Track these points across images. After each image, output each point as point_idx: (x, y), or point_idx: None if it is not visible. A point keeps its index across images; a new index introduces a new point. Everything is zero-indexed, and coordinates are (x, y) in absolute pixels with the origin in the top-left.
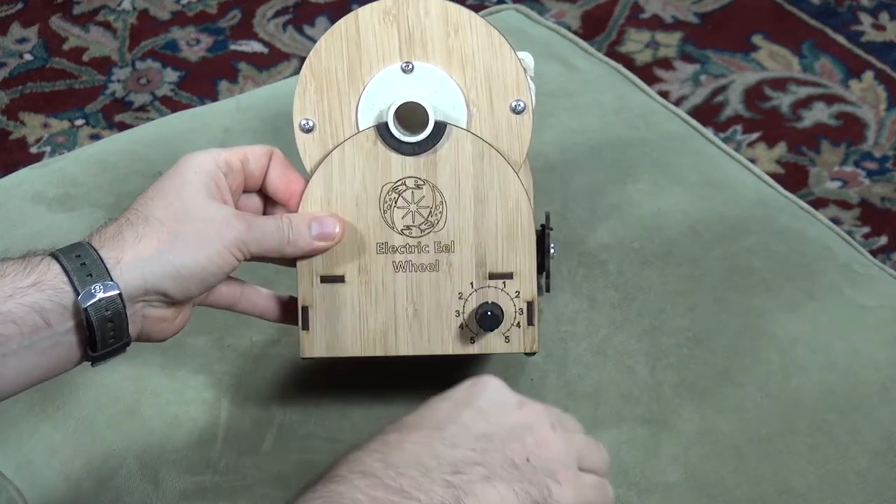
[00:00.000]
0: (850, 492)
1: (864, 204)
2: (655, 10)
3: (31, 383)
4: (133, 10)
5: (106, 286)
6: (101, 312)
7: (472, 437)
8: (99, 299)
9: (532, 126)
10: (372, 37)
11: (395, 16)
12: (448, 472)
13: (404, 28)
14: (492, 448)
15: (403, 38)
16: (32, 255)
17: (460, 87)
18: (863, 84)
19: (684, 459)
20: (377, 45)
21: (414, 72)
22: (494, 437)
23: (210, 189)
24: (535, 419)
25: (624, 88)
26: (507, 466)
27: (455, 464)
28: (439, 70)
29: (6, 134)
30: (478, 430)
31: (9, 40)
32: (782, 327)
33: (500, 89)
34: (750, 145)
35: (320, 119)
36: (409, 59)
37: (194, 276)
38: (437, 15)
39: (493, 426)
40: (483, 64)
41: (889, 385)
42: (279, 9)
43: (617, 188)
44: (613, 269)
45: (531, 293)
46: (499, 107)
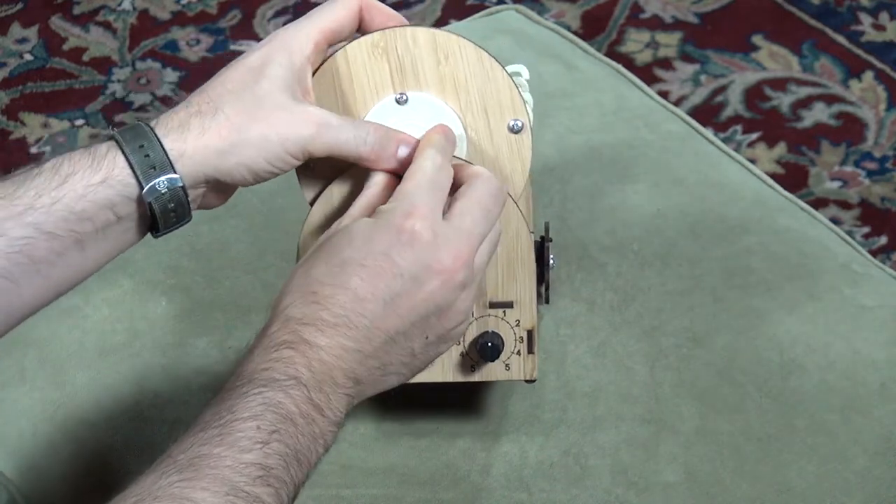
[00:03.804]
0: (850, 492)
1: (864, 204)
2: (655, 10)
3: (107, 261)
4: (133, 10)
5: (170, 180)
6: (165, 204)
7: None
8: (163, 192)
9: (532, 143)
10: (363, 71)
11: (383, 48)
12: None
13: (394, 60)
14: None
15: (395, 70)
16: (99, 145)
17: (456, 114)
18: (863, 84)
19: (683, 459)
20: (369, 79)
21: (408, 102)
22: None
23: (289, 86)
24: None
25: (624, 88)
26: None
27: None
28: (433, 98)
29: (6, 134)
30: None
31: (9, 40)
32: (782, 327)
33: (496, 111)
34: (750, 145)
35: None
36: (403, 91)
37: (251, 174)
38: (426, 43)
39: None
40: (476, 87)
41: (888, 385)
42: (279, 9)
43: (616, 189)
44: (612, 270)
45: (531, 321)
46: (497, 128)
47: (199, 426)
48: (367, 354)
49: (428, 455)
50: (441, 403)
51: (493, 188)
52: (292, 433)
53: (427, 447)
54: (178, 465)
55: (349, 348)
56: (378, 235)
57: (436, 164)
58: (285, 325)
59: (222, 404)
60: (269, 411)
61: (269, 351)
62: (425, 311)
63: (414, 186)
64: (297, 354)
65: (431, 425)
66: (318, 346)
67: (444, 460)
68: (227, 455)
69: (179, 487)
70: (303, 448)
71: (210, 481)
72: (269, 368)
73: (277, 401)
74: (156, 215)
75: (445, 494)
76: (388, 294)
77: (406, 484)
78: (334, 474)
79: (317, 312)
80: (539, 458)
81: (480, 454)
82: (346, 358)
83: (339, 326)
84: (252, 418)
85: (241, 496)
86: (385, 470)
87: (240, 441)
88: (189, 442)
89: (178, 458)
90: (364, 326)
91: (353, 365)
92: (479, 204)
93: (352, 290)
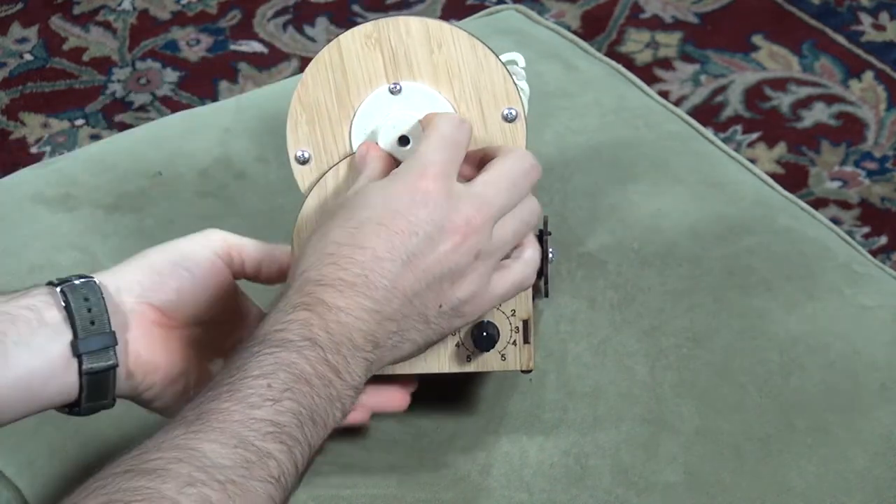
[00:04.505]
0: (850, 492)
1: (864, 204)
2: (655, 10)
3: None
4: (133, 10)
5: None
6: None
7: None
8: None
9: (525, 132)
10: (357, 62)
11: (377, 39)
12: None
13: (388, 50)
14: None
15: (388, 60)
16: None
17: (450, 103)
18: (863, 84)
19: (684, 459)
20: (363, 70)
21: (402, 92)
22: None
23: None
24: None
25: (624, 88)
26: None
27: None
28: (427, 87)
29: (6, 134)
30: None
31: (9, 40)
32: (782, 327)
33: (489, 99)
34: (750, 145)
35: (315, 149)
36: (396, 80)
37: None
38: (419, 33)
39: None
40: (470, 76)
41: (889, 385)
42: (279, 9)
43: (616, 188)
44: (613, 269)
45: (527, 312)
46: (490, 117)
47: (209, 386)
48: (386, 316)
49: (428, 455)
50: (441, 403)
51: (526, 164)
52: (307, 393)
53: (427, 447)
54: (186, 420)
55: (368, 308)
56: (393, 195)
57: (452, 123)
58: (302, 287)
59: (232, 364)
60: (281, 370)
61: (285, 313)
62: (439, 273)
63: (428, 146)
64: (313, 315)
65: (431, 425)
66: (336, 307)
67: (444, 460)
68: (236, 409)
69: (185, 439)
70: (318, 409)
71: (218, 434)
72: (284, 330)
73: (291, 361)
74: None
75: (445, 494)
76: (405, 253)
77: (406, 484)
78: (334, 474)
79: (335, 273)
80: (539, 457)
81: (480, 454)
82: (366, 319)
83: (357, 286)
84: (263, 376)
85: (251, 450)
86: (385, 470)
87: (249, 397)
88: (197, 400)
89: (186, 414)
90: (383, 286)
91: (371, 326)
92: (504, 175)
93: (370, 248)
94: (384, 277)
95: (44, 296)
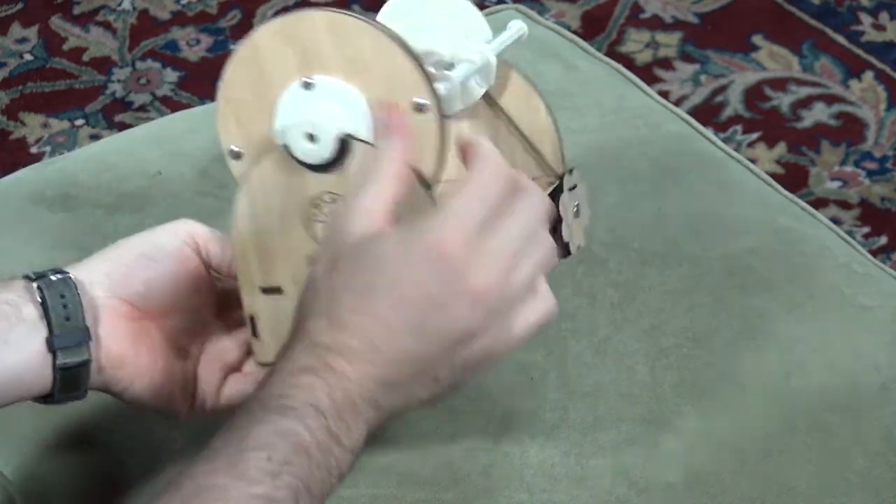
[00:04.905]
0: (850, 492)
1: (864, 204)
2: (655, 10)
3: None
4: (133, 10)
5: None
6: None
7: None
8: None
9: (440, 123)
10: (270, 58)
11: (286, 34)
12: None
13: (298, 45)
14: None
15: (299, 55)
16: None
17: (363, 96)
18: (863, 84)
19: (684, 459)
20: (276, 66)
21: (315, 87)
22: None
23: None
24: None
25: (624, 88)
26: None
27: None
28: (339, 82)
29: (6, 134)
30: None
31: (9, 40)
32: (782, 327)
33: (400, 91)
34: (750, 145)
35: (245, 145)
36: (309, 76)
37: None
38: (325, 27)
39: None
40: (379, 68)
41: (889, 385)
42: (279, 9)
43: (616, 188)
44: (613, 267)
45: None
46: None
47: (209, 453)
48: (393, 383)
49: (428, 455)
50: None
51: (544, 209)
52: (305, 465)
53: (427, 447)
54: (183, 496)
55: (375, 377)
56: (413, 261)
57: (494, 172)
58: (310, 349)
59: (234, 432)
60: (282, 441)
61: (291, 376)
62: (451, 338)
63: (463, 200)
64: (319, 381)
65: (431, 425)
66: (343, 374)
67: (444, 460)
68: (233, 487)
69: None
70: (316, 480)
71: None
72: (288, 396)
73: (292, 430)
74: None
75: (445, 494)
76: (417, 322)
77: (406, 484)
78: None
79: (345, 340)
80: (540, 458)
81: (481, 454)
82: (371, 387)
83: (366, 353)
84: (263, 447)
85: None
86: (385, 470)
87: (248, 472)
88: (197, 470)
89: (184, 487)
90: (392, 356)
91: (377, 394)
92: (524, 226)
93: (382, 318)
94: (394, 347)
95: (21, 290)
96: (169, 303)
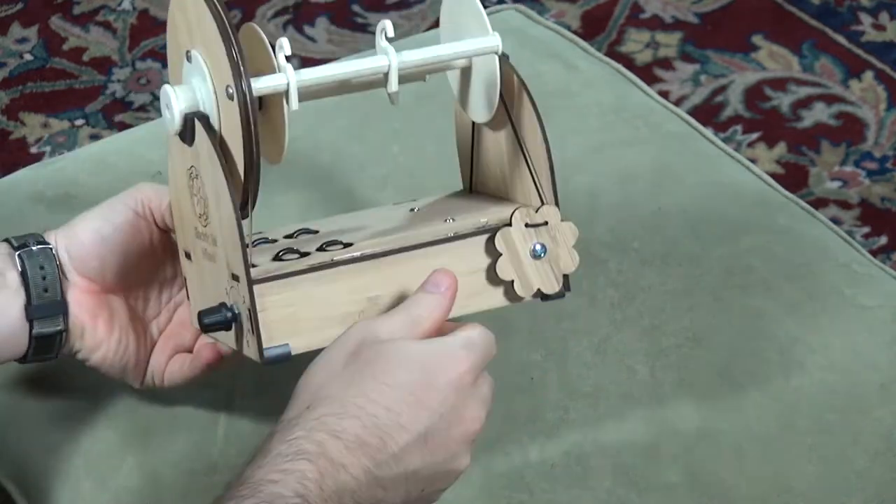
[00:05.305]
0: (850, 492)
1: (864, 204)
2: (655, 10)
3: None
4: (133, 10)
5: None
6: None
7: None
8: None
9: (250, 111)
10: (173, 25)
11: (179, 2)
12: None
13: (185, 15)
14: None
15: (186, 25)
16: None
17: (209, 74)
18: (863, 84)
19: (684, 459)
20: (179, 33)
21: (192, 60)
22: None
23: None
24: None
25: (624, 88)
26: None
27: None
28: (202, 57)
29: (6, 134)
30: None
31: (9, 40)
32: (782, 327)
33: (221, 75)
34: (750, 145)
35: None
36: (190, 49)
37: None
38: (177, 5)
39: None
40: (212, 48)
41: (889, 385)
42: (279, 9)
43: (616, 187)
44: (613, 267)
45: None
46: (221, 93)
47: None
48: (380, 480)
49: None
50: None
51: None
52: None
53: None
54: None
55: (369, 471)
56: (435, 370)
57: (489, 341)
58: (312, 432)
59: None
60: None
61: (284, 459)
62: (442, 458)
63: (474, 341)
64: (312, 469)
65: None
66: (340, 463)
67: None
68: None
69: None
70: None
71: None
72: (278, 482)
73: None
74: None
75: (446, 494)
76: (424, 429)
77: None
78: None
79: (354, 429)
80: (540, 458)
81: (481, 454)
82: (361, 479)
83: (369, 446)
84: None
85: None
86: None
87: None
88: None
89: None
90: (391, 453)
91: (363, 488)
92: (489, 381)
93: (396, 413)
94: (397, 445)
95: (5, 256)
96: (126, 277)
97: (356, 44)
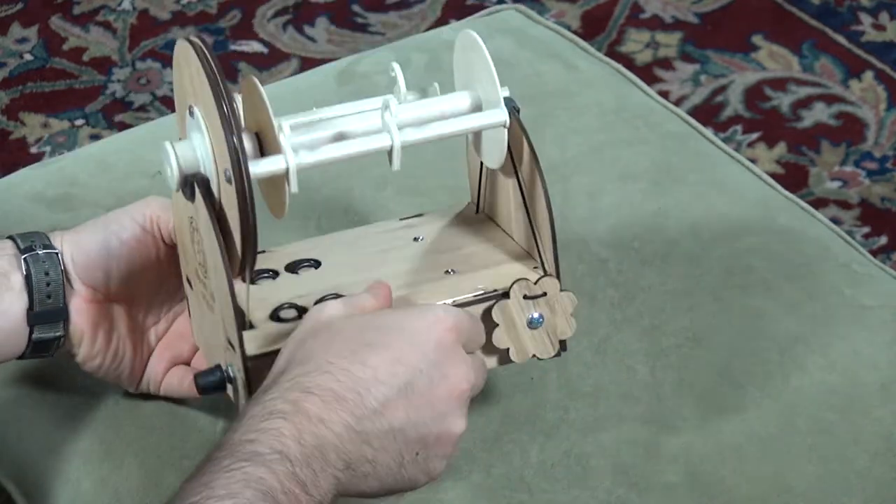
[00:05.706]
0: (850, 492)
1: (864, 204)
2: (655, 10)
3: None
4: (133, 10)
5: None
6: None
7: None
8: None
9: (248, 197)
10: (179, 75)
11: (181, 55)
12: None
13: (187, 68)
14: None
15: (193, 83)
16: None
17: (206, 128)
18: (863, 84)
19: (684, 459)
20: (183, 83)
21: (195, 115)
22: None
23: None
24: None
25: (624, 88)
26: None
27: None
28: (202, 113)
29: (6, 134)
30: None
31: (9, 40)
32: (782, 327)
33: (221, 157)
34: (750, 145)
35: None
36: (193, 104)
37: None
38: (184, 59)
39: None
40: (211, 115)
41: (889, 385)
42: (279, 9)
43: (617, 187)
44: (613, 267)
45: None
46: (220, 173)
47: (176, 499)
48: (365, 438)
49: None
50: None
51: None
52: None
53: None
54: None
55: (350, 426)
56: (414, 330)
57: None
58: (286, 392)
59: (200, 478)
60: (248, 488)
61: (259, 420)
62: (429, 416)
63: (458, 311)
64: (287, 425)
65: None
66: (318, 418)
67: None
68: None
69: None
70: None
71: None
72: (255, 441)
73: (258, 476)
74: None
75: (445, 494)
76: (404, 383)
77: None
78: None
79: (327, 383)
80: (540, 458)
81: (481, 454)
82: (344, 436)
83: (346, 401)
84: (229, 496)
85: None
86: None
87: None
88: None
89: None
90: (372, 407)
91: (348, 445)
92: (480, 363)
93: (371, 368)
94: (376, 399)
95: (11, 257)
96: (130, 289)
97: (356, 44)
